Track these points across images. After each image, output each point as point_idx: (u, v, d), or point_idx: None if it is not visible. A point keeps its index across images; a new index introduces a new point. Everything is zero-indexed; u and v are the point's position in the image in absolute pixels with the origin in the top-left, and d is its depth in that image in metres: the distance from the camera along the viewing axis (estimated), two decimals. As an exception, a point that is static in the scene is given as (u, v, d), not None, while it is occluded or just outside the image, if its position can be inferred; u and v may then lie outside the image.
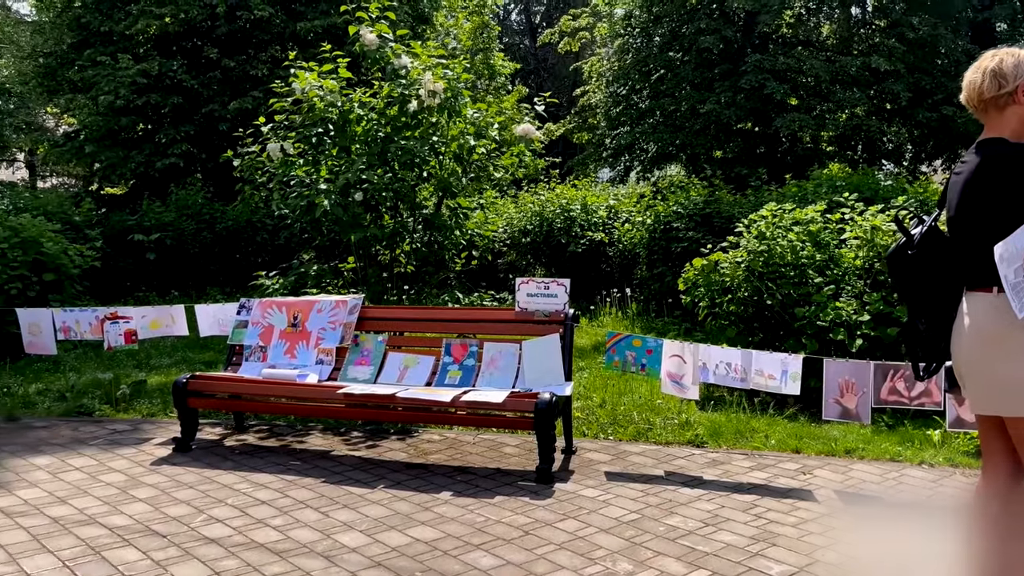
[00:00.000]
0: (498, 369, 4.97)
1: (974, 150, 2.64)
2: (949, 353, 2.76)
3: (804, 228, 6.67)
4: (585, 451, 5.01)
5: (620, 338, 4.90)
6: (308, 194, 7.05)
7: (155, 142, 14.29)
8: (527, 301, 5.03)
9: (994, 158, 2.54)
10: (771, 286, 6.43)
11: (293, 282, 7.52)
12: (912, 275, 2.74)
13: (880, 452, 4.88)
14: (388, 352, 5.25)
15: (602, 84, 16.43)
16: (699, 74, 14.49)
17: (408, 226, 7.74)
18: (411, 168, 7.21)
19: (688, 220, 9.99)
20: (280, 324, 5.50)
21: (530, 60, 29.53)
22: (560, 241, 10.97)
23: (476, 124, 7.35)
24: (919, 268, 2.72)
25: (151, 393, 6.56)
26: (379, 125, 7.32)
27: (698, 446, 5.15)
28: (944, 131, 14.22)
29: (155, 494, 4.23)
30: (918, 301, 2.76)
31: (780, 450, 5.03)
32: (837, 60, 13.52)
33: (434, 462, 4.80)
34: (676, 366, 4.78)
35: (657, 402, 5.93)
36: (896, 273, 2.81)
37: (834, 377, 4.42)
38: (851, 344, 5.98)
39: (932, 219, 2.77)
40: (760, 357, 4.61)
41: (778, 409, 5.86)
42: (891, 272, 2.83)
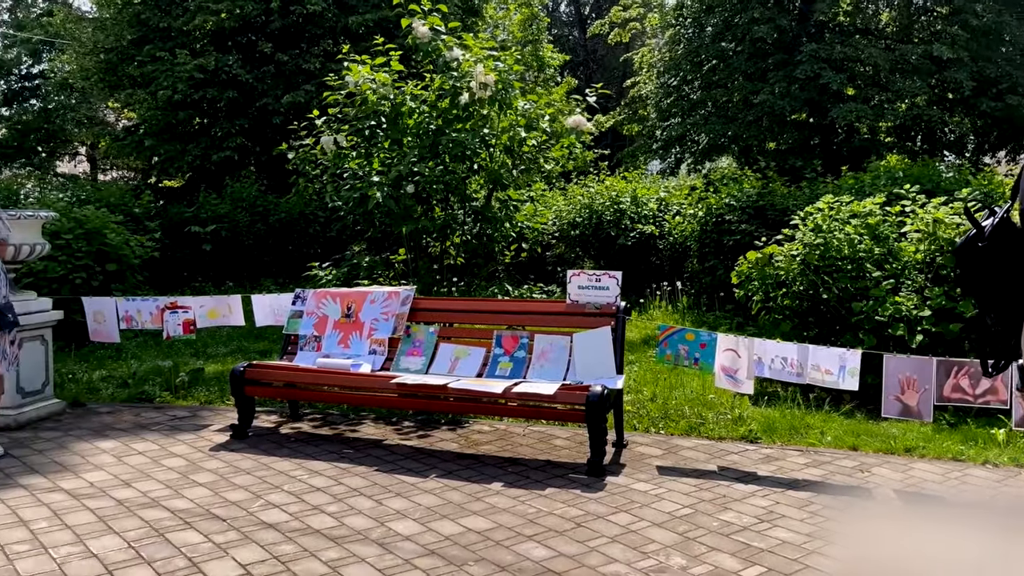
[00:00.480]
0: (549, 361, 4.97)
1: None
2: (1020, 350, 2.67)
3: (862, 221, 6.52)
4: (636, 445, 4.98)
5: (673, 331, 4.86)
6: (361, 186, 7.13)
7: (211, 135, 14.59)
8: (579, 293, 5.02)
9: None
10: (827, 280, 6.30)
11: (345, 273, 7.62)
12: (982, 269, 2.66)
13: (942, 451, 4.75)
14: (439, 343, 5.29)
15: (653, 75, 16.26)
16: (752, 64, 14.25)
17: (458, 218, 7.78)
18: (462, 160, 7.23)
19: (741, 212, 9.84)
20: (334, 314, 5.58)
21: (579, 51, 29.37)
22: (609, 234, 10.90)
23: (527, 116, 7.35)
24: (989, 261, 2.63)
25: (208, 381, 6.71)
26: (430, 117, 7.36)
27: (752, 442, 5.08)
28: (1008, 121, 13.76)
29: (214, 479, 4.33)
30: (987, 296, 2.67)
31: (836, 447, 4.93)
32: (897, 48, 13.16)
33: (485, 453, 4.83)
34: (730, 360, 4.71)
35: (709, 397, 5.86)
36: (964, 266, 2.72)
37: (894, 373, 4.32)
38: (911, 340, 5.83)
39: (1004, 211, 2.68)
40: (817, 352, 4.52)
41: (833, 405, 5.75)
42: (959, 265, 2.75)
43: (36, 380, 5.62)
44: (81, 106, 23.42)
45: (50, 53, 24.43)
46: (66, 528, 3.64)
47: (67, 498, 4.03)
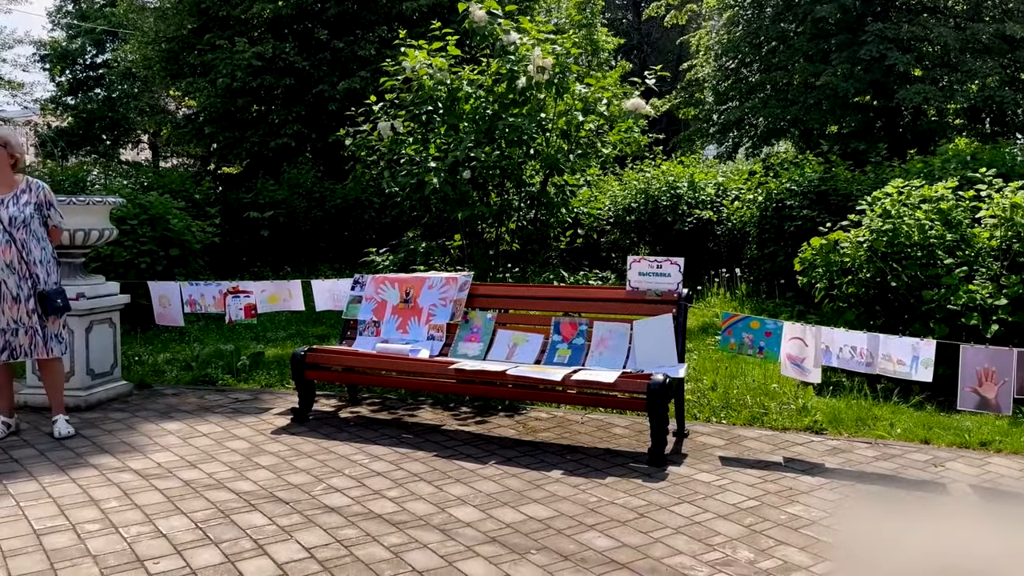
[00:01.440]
0: (608, 349, 4.91)
1: None
2: None
3: (933, 206, 6.28)
4: (698, 435, 4.89)
5: (737, 319, 4.74)
6: (418, 172, 7.13)
7: (268, 123, 14.78)
8: (639, 280, 4.93)
9: None
10: (896, 267, 6.09)
11: (402, 259, 7.65)
12: None
13: (1020, 446, 4.56)
14: (497, 329, 5.26)
15: (710, 58, 15.93)
16: (814, 45, 13.84)
17: (514, 204, 7.74)
18: (518, 145, 7.18)
19: (802, 198, 9.59)
20: (393, 300, 5.59)
21: (633, 35, 28.97)
22: (666, 219, 10.74)
23: (584, 100, 7.25)
24: None
25: (269, 365, 6.81)
26: (487, 102, 7.31)
27: (817, 433, 4.95)
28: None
29: (276, 462, 4.39)
30: None
31: (907, 440, 4.77)
32: (967, 27, 12.64)
33: (543, 440, 4.79)
34: (797, 349, 4.58)
35: (772, 386, 5.73)
36: None
37: (971, 364, 4.14)
38: (986, 329, 5.61)
39: None
40: (889, 341, 4.37)
41: (902, 397, 5.57)
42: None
43: (105, 362, 5.77)
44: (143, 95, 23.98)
45: (113, 43, 25.04)
46: (135, 508, 3.72)
47: (136, 478, 4.12)
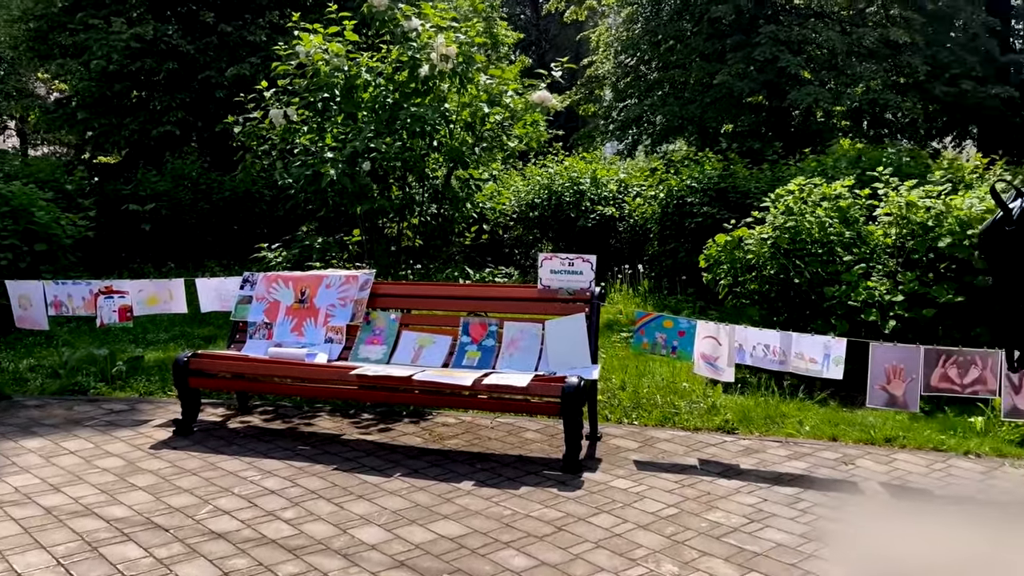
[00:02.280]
0: (519, 350, 4.69)
1: None
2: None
3: (833, 204, 6.37)
4: (611, 437, 4.74)
5: (649, 319, 4.62)
6: (313, 163, 6.72)
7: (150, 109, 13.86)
8: (550, 278, 4.74)
9: None
10: (799, 264, 6.14)
11: (296, 255, 7.22)
12: (1010, 254, 2.45)
13: (923, 440, 4.62)
14: (402, 331, 4.96)
15: (610, 54, 16.01)
16: (710, 45, 14.09)
17: (417, 198, 7.43)
18: (421, 136, 6.88)
19: (702, 195, 9.67)
20: (287, 300, 5.20)
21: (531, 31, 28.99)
22: (569, 215, 10.64)
23: (489, 91, 7.01)
24: (1019, 246, 2.43)
25: (149, 370, 6.27)
26: (387, 91, 6.98)
27: (729, 432, 4.89)
28: (959, 107, 13.89)
29: (156, 482, 3.95)
30: (1015, 283, 2.47)
31: (816, 437, 4.77)
32: (853, 32, 13.13)
33: (452, 448, 4.53)
34: (711, 348, 4.49)
35: (683, 385, 5.66)
36: (991, 251, 2.52)
37: (881, 362, 4.14)
38: (884, 325, 5.71)
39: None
40: (801, 340, 4.33)
41: (808, 393, 5.60)
42: (984, 250, 2.54)
43: (-45, 372, 5.13)
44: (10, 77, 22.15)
45: (-26, 20, 23.04)
46: (-14, 542, 3.24)
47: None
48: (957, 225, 5.74)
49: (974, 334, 5.54)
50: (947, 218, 5.80)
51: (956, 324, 5.63)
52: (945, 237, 5.74)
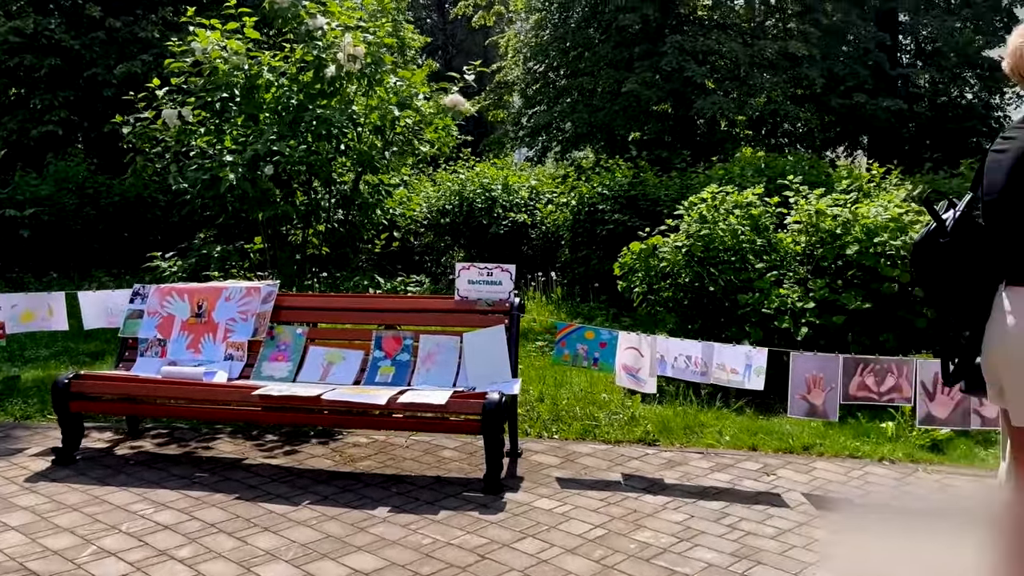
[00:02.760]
0: (436, 365, 4.47)
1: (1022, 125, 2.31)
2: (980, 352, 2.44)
3: (744, 211, 6.42)
4: (531, 453, 4.57)
5: (571, 330, 4.48)
6: (211, 167, 6.31)
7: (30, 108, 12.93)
8: (468, 289, 4.54)
9: None
10: (713, 272, 6.15)
11: (193, 265, 6.77)
12: (944, 267, 2.41)
13: (838, 448, 4.65)
14: (309, 346, 4.66)
15: (519, 60, 15.96)
16: (618, 53, 14.22)
17: (323, 203, 7.10)
18: (328, 140, 6.56)
19: (613, 202, 9.69)
20: (182, 314, 4.82)
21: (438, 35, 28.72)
22: (481, 222, 10.48)
23: (399, 93, 6.76)
24: (952, 259, 2.39)
25: (27, 391, 5.73)
26: (292, 92, 6.63)
27: (650, 444, 4.80)
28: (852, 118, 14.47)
29: (31, 520, 3.54)
30: (949, 296, 2.43)
31: (736, 447, 4.74)
32: (754, 44, 13.50)
33: (364, 470, 4.27)
34: (632, 359, 4.39)
35: (601, 395, 5.55)
36: (923, 264, 2.47)
37: (801, 372, 4.13)
38: (797, 332, 5.77)
39: (965, 204, 2.44)
40: (723, 350, 4.28)
41: (724, 402, 5.58)
42: (917, 263, 2.49)
43: None
44: None
45: None
46: None
47: None
48: (863, 233, 5.87)
49: (882, 339, 5.67)
50: (854, 226, 5.92)
51: (864, 330, 5.74)
52: (852, 245, 5.85)
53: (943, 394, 3.94)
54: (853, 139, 17.77)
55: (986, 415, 3.89)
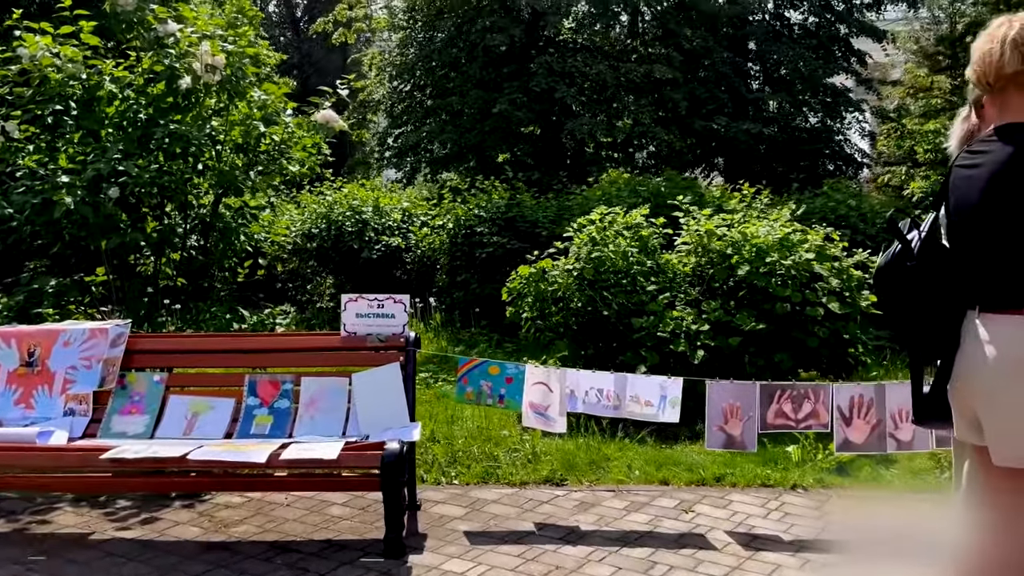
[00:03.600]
0: (320, 411, 3.94)
1: (997, 138, 2.14)
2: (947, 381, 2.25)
3: (634, 233, 6.27)
4: (431, 503, 4.12)
5: (473, 365, 4.09)
6: (43, 188, 5.49)
7: None
8: (356, 323, 4.06)
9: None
10: (607, 295, 5.94)
11: (21, 302, 5.87)
12: (911, 292, 2.20)
13: (749, 477, 4.49)
14: (169, 395, 4.02)
15: (384, 79, 15.47)
16: (486, 73, 14.04)
17: (178, 229, 6.37)
18: (183, 158, 5.89)
19: (491, 224, 9.41)
20: (9, 363, 4.05)
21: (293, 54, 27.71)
22: (352, 246, 9.90)
23: (265, 108, 6.18)
24: (920, 284, 2.19)
25: None
26: (140, 105, 5.91)
27: (558, 484, 4.46)
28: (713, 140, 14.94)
29: None
30: (917, 324, 2.22)
31: (647, 482, 4.48)
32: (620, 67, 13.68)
33: (240, 537, 3.68)
34: (540, 395, 4.05)
35: (500, 432, 5.17)
36: (889, 290, 2.26)
37: (717, 402, 3.92)
38: (693, 356, 5.63)
39: (929, 223, 2.26)
40: (636, 382, 4.01)
41: (626, 431, 5.33)
42: (882, 289, 2.28)
43: None
44: None
45: None
46: None
47: None
48: (753, 253, 5.83)
49: (777, 360, 5.62)
50: (744, 247, 5.87)
51: (759, 351, 5.68)
52: (743, 265, 5.80)
53: (860, 419, 3.84)
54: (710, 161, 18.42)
55: (901, 439, 3.82)
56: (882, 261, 2.27)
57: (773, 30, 16.47)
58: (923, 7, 16.81)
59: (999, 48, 2.13)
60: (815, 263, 5.70)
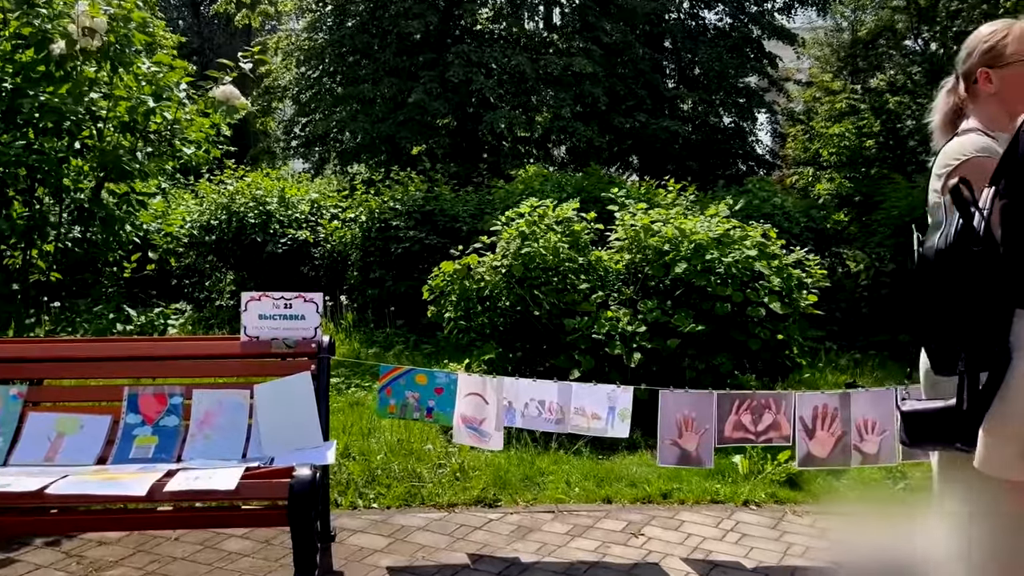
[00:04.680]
0: (217, 430, 3.34)
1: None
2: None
3: (565, 228, 5.87)
4: (348, 533, 3.59)
5: (397, 374, 3.57)
6: None
7: None
8: (259, 327, 3.47)
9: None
10: (537, 294, 5.52)
11: None
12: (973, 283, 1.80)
13: (698, 492, 4.14)
14: (28, 412, 3.33)
15: (291, 64, 14.62)
16: (400, 61, 13.42)
17: (52, 217, 5.60)
18: (57, 135, 5.14)
19: (407, 218, 8.87)
20: None
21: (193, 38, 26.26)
22: (255, 240, 9.16)
23: (155, 82, 5.48)
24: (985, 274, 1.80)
25: None
26: (6, 73, 5.14)
27: (490, 506, 4.00)
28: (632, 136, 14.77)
29: None
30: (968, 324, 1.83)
31: (588, 500, 4.07)
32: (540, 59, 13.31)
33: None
34: (474, 408, 3.57)
35: (426, 447, 4.65)
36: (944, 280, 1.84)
37: (671, 413, 3.54)
38: (629, 359, 5.27)
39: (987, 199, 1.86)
40: (581, 392, 3.58)
41: (559, 442, 4.91)
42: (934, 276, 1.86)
43: None
44: None
45: None
46: None
47: None
48: (692, 250, 5.51)
49: (716, 362, 5.31)
50: (682, 243, 5.54)
51: (698, 353, 5.36)
52: (681, 263, 5.47)
53: (823, 430, 3.52)
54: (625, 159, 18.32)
55: (866, 451, 3.52)
56: (938, 242, 1.86)
57: (689, 29, 16.46)
58: (831, 13, 17.14)
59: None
60: (756, 261, 5.42)
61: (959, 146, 2.06)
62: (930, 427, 1.98)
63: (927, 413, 1.98)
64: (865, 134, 13.58)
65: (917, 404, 2.01)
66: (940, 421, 1.95)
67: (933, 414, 1.96)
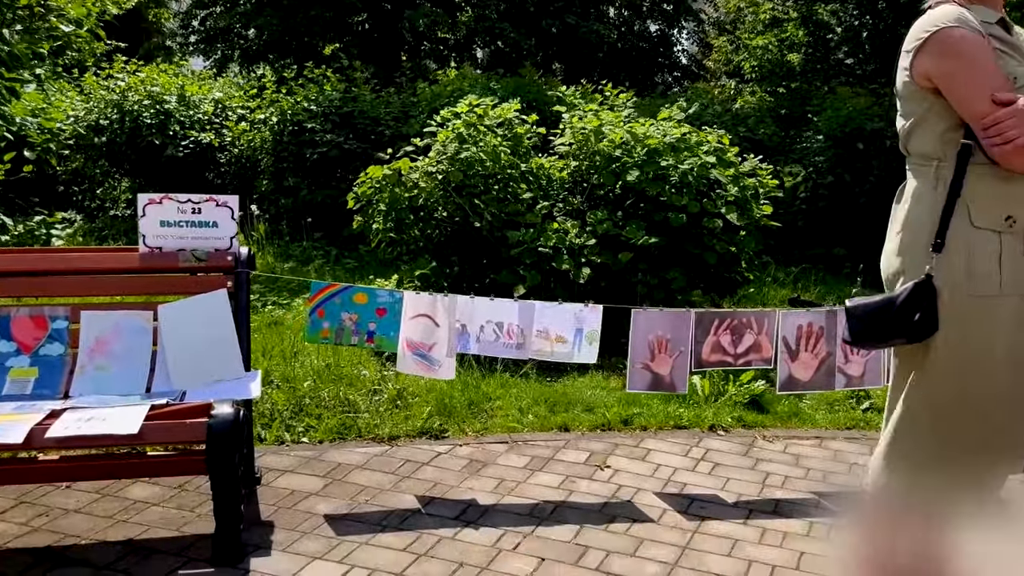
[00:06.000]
0: (112, 359, 2.78)
1: None
2: None
3: (508, 131, 5.34)
4: (276, 474, 3.11)
5: (332, 291, 3.04)
6: None
7: None
8: (162, 234, 2.88)
9: None
10: (478, 204, 5.02)
11: None
12: None
13: (660, 418, 3.82)
14: None
15: (187, -53, 13.18)
16: (310, -52, 12.23)
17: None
18: None
19: (324, 120, 8.12)
20: None
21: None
22: (152, 143, 8.24)
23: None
24: None
25: None
26: None
27: (437, 437, 3.58)
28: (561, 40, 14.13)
29: None
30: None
31: (544, 429, 3.70)
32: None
33: (7, 547, 2.53)
34: (422, 332, 3.10)
35: (360, 372, 4.16)
36: None
37: (643, 334, 3.16)
38: (577, 275, 4.87)
39: None
40: (545, 311, 3.15)
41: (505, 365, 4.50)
42: None
43: None
44: None
45: None
46: None
47: None
48: (645, 156, 5.09)
49: (670, 277, 4.97)
50: (635, 148, 5.11)
51: (651, 268, 5.00)
52: (633, 170, 5.04)
53: (807, 351, 3.22)
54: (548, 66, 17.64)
55: (851, 373, 3.25)
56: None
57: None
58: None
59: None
60: (714, 169, 5.04)
61: (929, 19, 1.92)
62: (872, 323, 1.95)
63: (869, 307, 1.96)
64: (788, 46, 13.30)
65: (859, 300, 2.01)
66: (881, 315, 1.92)
67: (875, 308, 1.94)
